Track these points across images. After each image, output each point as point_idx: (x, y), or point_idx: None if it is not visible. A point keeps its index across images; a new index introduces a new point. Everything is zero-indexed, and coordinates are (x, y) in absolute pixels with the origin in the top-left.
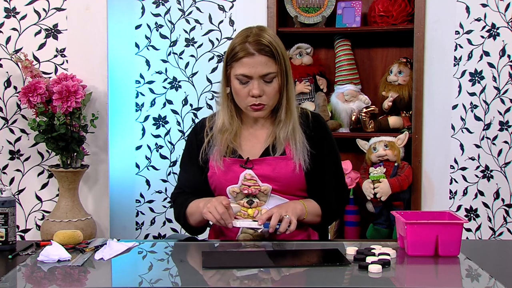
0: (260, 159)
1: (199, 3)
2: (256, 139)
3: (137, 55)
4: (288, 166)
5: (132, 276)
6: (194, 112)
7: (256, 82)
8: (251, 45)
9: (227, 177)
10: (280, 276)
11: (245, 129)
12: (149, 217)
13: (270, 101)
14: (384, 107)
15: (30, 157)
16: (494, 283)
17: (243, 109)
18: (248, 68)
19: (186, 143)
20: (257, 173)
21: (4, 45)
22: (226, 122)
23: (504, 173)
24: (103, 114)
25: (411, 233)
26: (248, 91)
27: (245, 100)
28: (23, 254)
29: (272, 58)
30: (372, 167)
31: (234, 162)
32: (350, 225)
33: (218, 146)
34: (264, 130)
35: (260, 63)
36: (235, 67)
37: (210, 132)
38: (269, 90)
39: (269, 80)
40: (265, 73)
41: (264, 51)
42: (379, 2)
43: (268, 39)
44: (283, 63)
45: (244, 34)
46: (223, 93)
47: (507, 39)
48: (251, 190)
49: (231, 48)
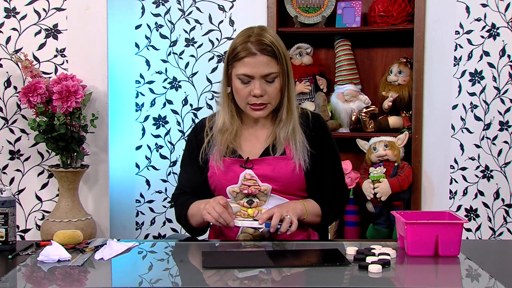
0: (260, 159)
1: (199, 3)
2: (256, 139)
3: (137, 55)
4: (288, 166)
5: (132, 276)
6: (194, 112)
7: (257, 82)
8: (253, 45)
9: (227, 177)
10: (280, 276)
11: (245, 129)
12: (149, 217)
13: (271, 101)
14: (384, 107)
15: (30, 157)
16: (494, 283)
17: (243, 109)
18: (250, 68)
19: (186, 143)
20: (257, 173)
21: (4, 45)
22: (227, 121)
23: (504, 173)
24: (103, 114)
25: (411, 233)
26: (250, 91)
27: (245, 100)
28: (23, 254)
29: (274, 58)
30: (372, 167)
31: (234, 162)
32: (350, 225)
33: (218, 146)
34: (264, 130)
35: (262, 63)
36: (236, 66)
37: (210, 132)
38: (270, 90)
39: (270, 80)
40: (267, 73)
41: (266, 51)
42: (379, 2)
43: (270, 39)
44: (284, 63)
45: (246, 34)
46: (223, 93)
47: (507, 39)
48: (251, 190)
49: (233, 47)
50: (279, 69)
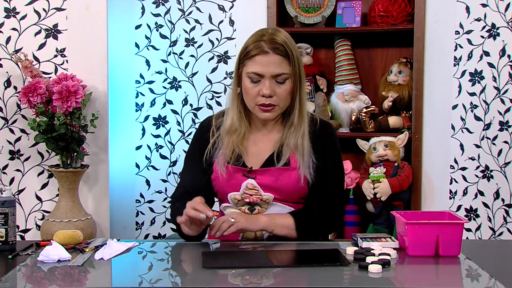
0: (263, 169)
1: (199, 3)
2: (263, 144)
3: (137, 55)
4: (291, 176)
5: (132, 276)
6: (194, 112)
7: (267, 81)
8: (265, 43)
9: (229, 184)
10: (280, 276)
11: (252, 133)
12: (149, 217)
13: (280, 103)
14: (384, 107)
15: (30, 157)
16: (494, 283)
17: (252, 109)
18: (260, 66)
19: (192, 141)
20: (260, 182)
21: (4, 45)
22: (236, 121)
23: (504, 173)
24: (103, 114)
25: (411, 233)
26: (259, 90)
27: (254, 100)
28: (23, 254)
29: (286, 59)
30: (372, 167)
31: (237, 171)
32: (350, 225)
33: (224, 149)
34: (273, 135)
35: (274, 63)
36: (247, 65)
37: (217, 132)
38: (280, 91)
39: (281, 81)
40: (278, 73)
41: (279, 50)
42: (379, 2)
43: (283, 39)
44: (297, 66)
45: (259, 34)
46: (233, 93)
47: (507, 39)
48: (252, 199)
49: (245, 46)
50: (290, 71)
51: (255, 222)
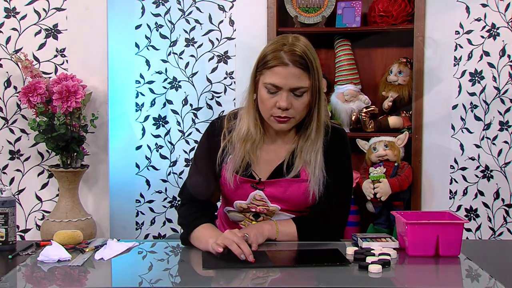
0: (272, 181)
1: (199, 3)
2: (274, 153)
3: (137, 55)
4: (300, 188)
5: (132, 276)
6: (194, 112)
7: (285, 94)
8: (286, 55)
9: (236, 192)
10: (280, 276)
11: (265, 142)
12: (149, 217)
13: (297, 115)
14: (384, 107)
15: (30, 157)
16: (494, 283)
17: (267, 119)
18: (279, 78)
19: (202, 141)
20: (268, 194)
21: (4, 45)
22: (252, 130)
23: (504, 173)
24: (103, 114)
25: (412, 233)
26: (275, 102)
27: (270, 111)
28: (23, 254)
29: (306, 72)
30: (372, 167)
31: (245, 181)
32: (350, 225)
33: (235, 156)
34: (285, 144)
35: (293, 75)
36: (265, 74)
37: (228, 135)
38: (297, 104)
39: (299, 94)
40: (297, 87)
41: (299, 63)
42: (379, 2)
43: (303, 49)
44: (316, 79)
45: (280, 42)
46: (249, 100)
47: (507, 39)
48: (259, 210)
49: (263, 54)
50: (309, 84)
51: (261, 233)
